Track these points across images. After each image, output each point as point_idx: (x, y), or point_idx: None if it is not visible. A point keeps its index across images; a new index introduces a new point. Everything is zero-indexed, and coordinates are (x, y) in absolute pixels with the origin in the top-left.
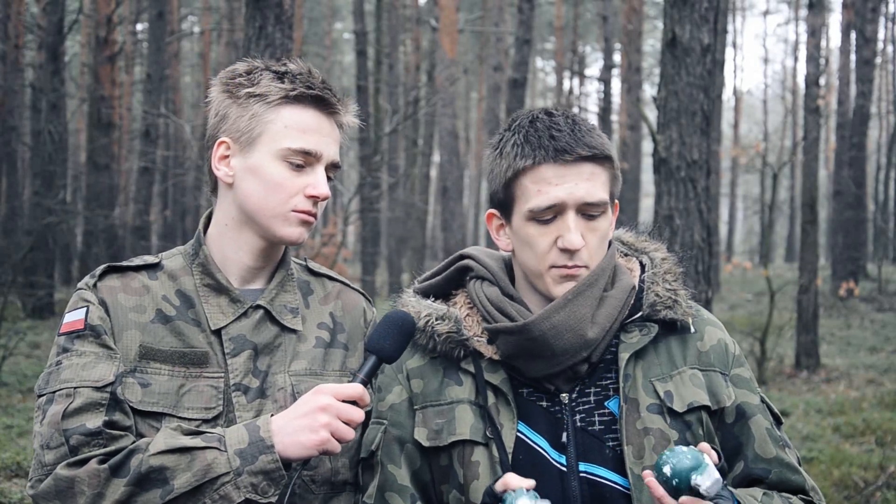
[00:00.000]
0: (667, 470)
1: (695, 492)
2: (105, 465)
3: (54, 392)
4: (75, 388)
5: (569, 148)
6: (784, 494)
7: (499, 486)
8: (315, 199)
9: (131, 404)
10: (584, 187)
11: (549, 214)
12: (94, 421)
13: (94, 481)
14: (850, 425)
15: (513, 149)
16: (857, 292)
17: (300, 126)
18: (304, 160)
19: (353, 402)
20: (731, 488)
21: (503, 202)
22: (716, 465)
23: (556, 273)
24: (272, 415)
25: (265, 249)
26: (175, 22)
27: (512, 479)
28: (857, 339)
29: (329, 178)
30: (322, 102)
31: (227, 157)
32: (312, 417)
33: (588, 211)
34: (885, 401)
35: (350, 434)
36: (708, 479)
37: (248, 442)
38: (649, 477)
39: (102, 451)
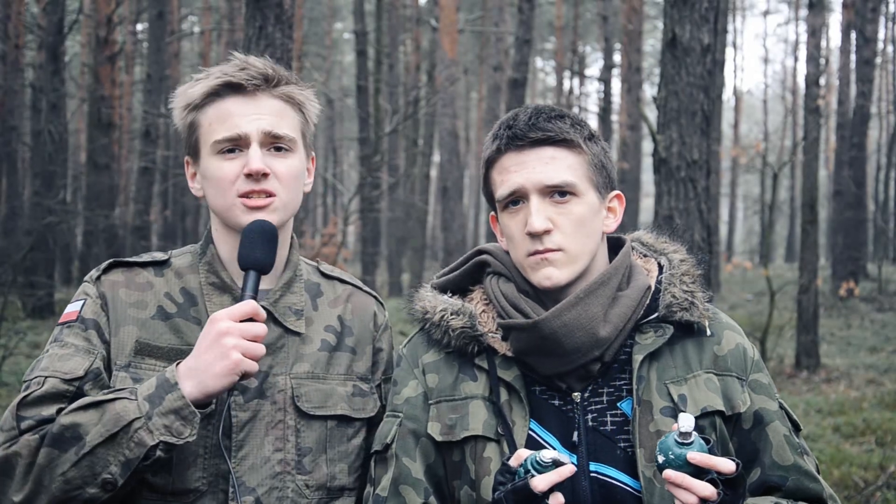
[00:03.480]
0: (660, 458)
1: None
2: (36, 436)
3: (31, 380)
4: (46, 377)
5: (521, 134)
6: (800, 503)
7: (513, 462)
8: (253, 176)
9: None
10: (542, 170)
11: (514, 201)
12: (49, 410)
13: (25, 451)
14: (850, 425)
15: (485, 145)
16: (857, 292)
17: (220, 117)
18: (232, 145)
19: (251, 321)
20: None
21: (489, 199)
22: (733, 474)
23: (532, 260)
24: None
25: None
26: (175, 22)
27: (524, 452)
28: (857, 339)
29: (282, 149)
30: (237, 87)
31: (194, 173)
32: (218, 344)
33: (554, 194)
34: (885, 401)
35: (260, 350)
36: (684, 422)
37: (155, 386)
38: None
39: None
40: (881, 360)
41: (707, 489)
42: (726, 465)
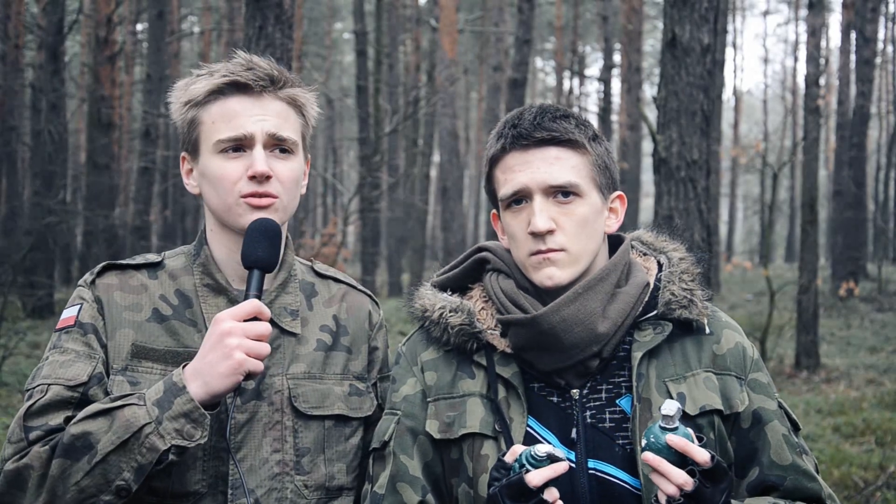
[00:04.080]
0: (643, 442)
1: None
2: (47, 447)
3: (34, 388)
4: (49, 385)
5: (525, 133)
6: (798, 503)
7: (508, 457)
8: (257, 178)
9: None
10: (546, 170)
11: (518, 201)
12: (56, 419)
13: (37, 463)
14: (850, 425)
15: (489, 143)
16: (857, 292)
17: (224, 116)
18: (237, 145)
19: (255, 319)
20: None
21: (491, 197)
22: (708, 465)
23: (535, 260)
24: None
25: None
26: (175, 22)
27: (519, 447)
28: (857, 339)
29: (285, 151)
30: (243, 87)
31: (191, 170)
32: (222, 345)
33: (557, 194)
34: (885, 401)
35: (264, 349)
36: (667, 406)
37: (163, 391)
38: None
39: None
40: (881, 360)
41: (681, 476)
42: (701, 454)
